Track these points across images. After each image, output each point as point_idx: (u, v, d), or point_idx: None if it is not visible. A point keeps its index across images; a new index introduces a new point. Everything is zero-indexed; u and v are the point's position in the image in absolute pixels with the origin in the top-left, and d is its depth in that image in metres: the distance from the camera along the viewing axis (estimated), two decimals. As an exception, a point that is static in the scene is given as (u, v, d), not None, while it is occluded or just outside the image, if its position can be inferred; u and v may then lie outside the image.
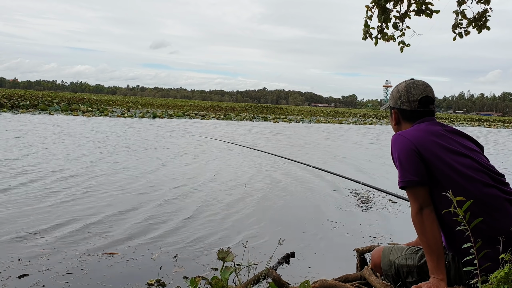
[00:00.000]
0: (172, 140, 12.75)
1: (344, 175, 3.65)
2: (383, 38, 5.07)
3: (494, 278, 1.42)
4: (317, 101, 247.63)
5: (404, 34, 5.08)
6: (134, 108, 36.13)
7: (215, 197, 5.55)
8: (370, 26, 5.01)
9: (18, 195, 4.97)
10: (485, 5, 4.92)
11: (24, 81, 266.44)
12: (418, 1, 4.84)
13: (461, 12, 5.02)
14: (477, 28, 4.98)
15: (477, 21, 4.94)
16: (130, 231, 3.91)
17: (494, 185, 1.79)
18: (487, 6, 4.92)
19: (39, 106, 25.75)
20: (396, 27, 5.03)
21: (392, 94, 2.07)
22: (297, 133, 19.59)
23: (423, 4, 4.82)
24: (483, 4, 4.92)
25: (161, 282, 2.83)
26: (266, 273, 2.33)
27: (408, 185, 1.79)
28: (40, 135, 11.58)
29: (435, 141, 1.82)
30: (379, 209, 5.27)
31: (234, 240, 3.80)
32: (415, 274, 1.94)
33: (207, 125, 21.16)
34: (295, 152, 11.14)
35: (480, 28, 4.97)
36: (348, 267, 3.22)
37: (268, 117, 35.03)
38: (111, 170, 7.03)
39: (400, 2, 4.93)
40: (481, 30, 4.99)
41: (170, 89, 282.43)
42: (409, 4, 4.94)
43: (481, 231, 1.72)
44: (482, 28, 4.98)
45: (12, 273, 2.84)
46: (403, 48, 5.15)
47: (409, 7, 4.94)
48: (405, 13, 4.96)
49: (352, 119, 42.30)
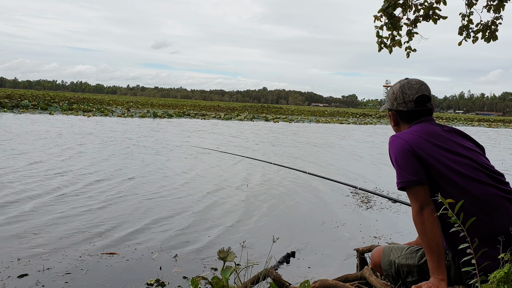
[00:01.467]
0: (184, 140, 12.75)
1: (340, 181, 3.64)
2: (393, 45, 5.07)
3: (494, 278, 1.42)
4: (317, 101, 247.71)
5: (412, 39, 5.07)
6: (134, 108, 36.12)
7: (215, 197, 5.54)
8: (383, 36, 5.02)
9: (18, 195, 4.97)
10: (496, 14, 4.85)
11: (24, 81, 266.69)
12: (425, 7, 4.83)
13: (468, 16, 4.97)
14: (485, 39, 4.92)
15: (486, 30, 4.88)
16: (130, 231, 3.91)
17: (493, 185, 1.78)
18: (498, 15, 4.85)
19: (40, 106, 25.76)
20: (410, 34, 5.02)
21: (388, 96, 2.06)
22: (313, 134, 19.58)
23: (431, 9, 4.81)
24: (494, 12, 4.84)
25: (161, 282, 2.82)
26: (266, 273, 2.33)
27: (407, 185, 1.78)
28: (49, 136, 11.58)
29: (432, 142, 1.82)
30: (379, 209, 5.27)
31: (234, 241, 3.80)
32: (415, 273, 1.94)
33: (214, 125, 21.17)
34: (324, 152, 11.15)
35: (488, 38, 4.91)
36: (348, 267, 3.22)
37: (268, 117, 35.02)
38: (111, 170, 7.03)
39: (409, 9, 4.93)
40: (490, 41, 4.93)
41: (170, 89, 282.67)
42: (417, 10, 4.93)
43: (481, 231, 1.71)
44: (490, 38, 4.91)
45: (12, 273, 2.84)
46: (409, 53, 5.13)
47: (417, 12, 4.93)
48: (416, 19, 4.96)
49: (352, 119, 42.29)
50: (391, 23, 4.86)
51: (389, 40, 5.07)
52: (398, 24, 4.94)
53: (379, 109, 3.59)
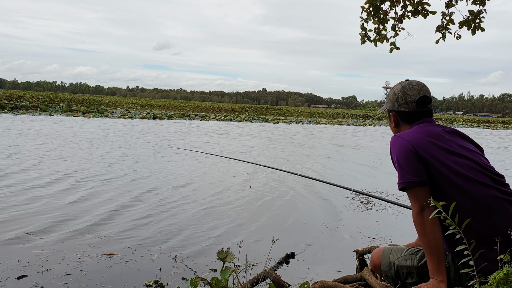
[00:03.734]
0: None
1: (334, 183, 3.64)
2: (380, 40, 5.06)
3: (493, 279, 1.42)
4: (316, 102, 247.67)
5: (398, 34, 5.08)
6: (133, 109, 36.12)
7: (215, 198, 5.54)
8: (368, 29, 5.00)
9: (19, 195, 4.97)
10: (480, 7, 4.90)
11: (24, 82, 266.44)
12: (414, 3, 4.84)
13: (449, 15, 5.00)
14: (471, 30, 4.96)
15: (471, 22, 4.92)
16: (129, 232, 3.91)
17: (493, 186, 1.78)
18: (482, 8, 4.90)
19: (39, 107, 25.74)
20: (394, 28, 5.02)
21: (389, 96, 2.06)
22: (333, 135, 19.59)
23: (420, 5, 4.81)
24: (479, 5, 4.89)
25: (160, 283, 2.82)
26: (266, 274, 2.33)
27: (408, 186, 1.78)
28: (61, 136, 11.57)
29: (434, 143, 1.82)
30: (378, 210, 5.27)
31: (234, 241, 3.79)
32: (415, 275, 1.94)
33: (222, 127, 21.17)
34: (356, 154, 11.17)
35: (474, 30, 4.95)
36: (348, 268, 3.21)
37: (268, 118, 35.03)
38: (112, 171, 7.03)
39: (396, 3, 4.92)
40: (475, 32, 4.96)
41: (169, 90, 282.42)
42: (405, 6, 4.93)
43: (480, 232, 1.71)
44: (476, 29, 4.95)
45: (11, 274, 2.83)
46: (392, 49, 5.14)
47: (405, 8, 4.93)
48: (402, 14, 4.96)
49: (352, 120, 42.29)
50: (377, 16, 4.86)
51: (374, 33, 5.05)
52: (385, 18, 4.94)
53: (377, 111, 3.58)
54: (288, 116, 43.00)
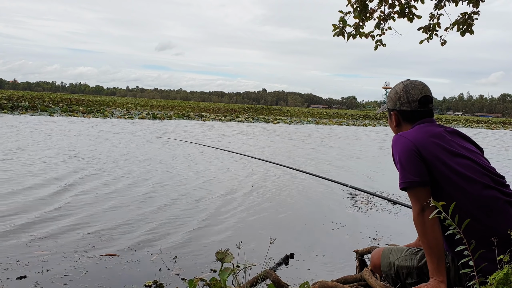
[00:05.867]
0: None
1: (331, 179, 3.64)
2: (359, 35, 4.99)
3: (493, 280, 1.42)
4: (316, 103, 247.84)
5: (385, 33, 5.05)
6: (133, 109, 36.11)
7: (215, 199, 5.54)
8: (347, 23, 4.90)
9: (19, 196, 4.96)
10: (474, 8, 4.87)
11: (23, 82, 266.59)
12: (401, 3, 4.81)
13: (437, 17, 4.98)
14: (460, 32, 4.92)
15: (462, 24, 4.88)
16: (129, 232, 3.91)
17: (494, 187, 1.78)
18: (475, 9, 4.87)
19: (39, 107, 25.73)
20: (379, 27, 4.99)
21: (390, 96, 2.06)
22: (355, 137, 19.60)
23: (407, 7, 4.79)
24: (472, 6, 4.86)
25: (159, 284, 2.82)
26: (265, 274, 2.33)
27: (409, 186, 1.78)
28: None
29: (436, 142, 1.82)
30: (378, 210, 5.27)
31: (233, 242, 3.79)
32: (415, 275, 1.94)
33: (227, 126, 21.17)
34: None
35: (464, 32, 4.91)
36: (348, 269, 3.21)
37: (268, 118, 35.01)
38: (112, 172, 7.03)
39: (384, 3, 4.89)
40: (465, 34, 4.93)
41: (169, 90, 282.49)
42: (392, 5, 4.89)
43: (481, 233, 1.71)
44: (466, 31, 4.91)
45: (11, 275, 2.83)
46: (377, 46, 5.11)
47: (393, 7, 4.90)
48: (388, 14, 4.94)
49: (351, 121, 42.29)
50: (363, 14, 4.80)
51: (352, 28, 4.98)
52: (371, 16, 4.90)
53: (376, 111, 3.57)
54: (288, 116, 42.97)
